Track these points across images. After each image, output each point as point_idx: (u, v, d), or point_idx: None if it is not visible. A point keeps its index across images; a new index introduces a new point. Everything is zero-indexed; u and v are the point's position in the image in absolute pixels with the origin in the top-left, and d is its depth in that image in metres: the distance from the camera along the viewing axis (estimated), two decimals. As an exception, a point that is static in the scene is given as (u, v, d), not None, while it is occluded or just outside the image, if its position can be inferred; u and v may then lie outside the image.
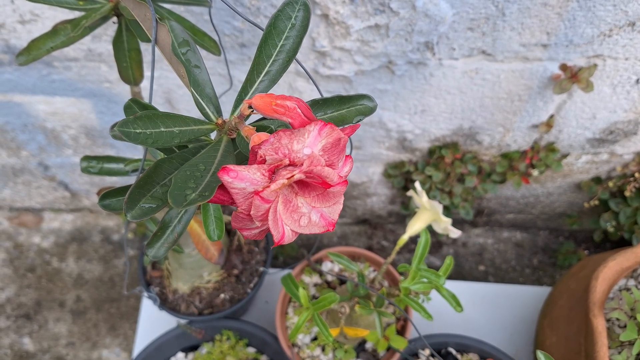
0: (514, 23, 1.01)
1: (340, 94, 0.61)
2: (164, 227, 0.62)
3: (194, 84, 0.57)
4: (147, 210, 0.50)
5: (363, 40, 1.04)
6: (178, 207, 0.44)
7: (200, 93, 0.57)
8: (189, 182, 0.47)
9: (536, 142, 1.33)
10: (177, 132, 0.52)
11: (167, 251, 0.62)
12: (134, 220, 0.49)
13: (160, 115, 0.51)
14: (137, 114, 0.49)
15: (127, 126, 0.48)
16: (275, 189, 0.46)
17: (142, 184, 0.50)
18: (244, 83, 0.58)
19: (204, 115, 0.58)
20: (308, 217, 0.51)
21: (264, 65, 0.58)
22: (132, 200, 0.49)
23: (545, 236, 1.74)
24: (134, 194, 0.50)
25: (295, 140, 0.47)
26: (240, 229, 0.50)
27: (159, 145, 0.50)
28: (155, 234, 0.62)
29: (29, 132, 1.37)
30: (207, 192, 0.46)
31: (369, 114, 0.62)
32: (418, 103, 1.21)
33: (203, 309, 1.20)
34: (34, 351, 1.60)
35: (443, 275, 0.99)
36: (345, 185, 0.49)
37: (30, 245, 1.74)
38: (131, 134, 0.48)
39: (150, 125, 0.50)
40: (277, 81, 0.58)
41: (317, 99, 0.61)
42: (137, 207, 0.50)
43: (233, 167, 0.45)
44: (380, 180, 1.53)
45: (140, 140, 0.49)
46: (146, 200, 0.50)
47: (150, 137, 0.50)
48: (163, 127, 0.51)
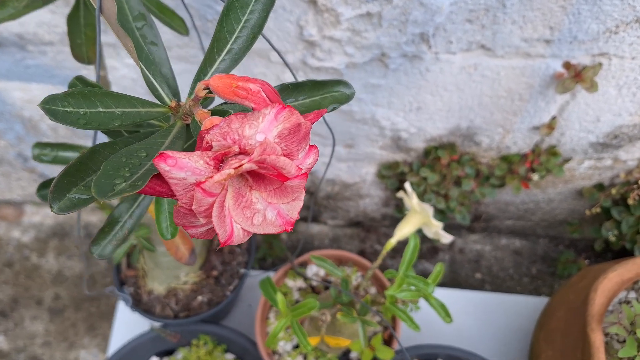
0: (515, 16, 0.94)
1: (314, 79, 0.54)
2: (112, 222, 0.56)
3: (147, 61, 0.50)
4: (77, 202, 0.43)
5: (354, 30, 0.97)
6: (101, 197, 0.37)
7: (154, 72, 0.51)
8: (123, 170, 0.41)
9: (537, 145, 1.26)
10: (119, 113, 0.46)
11: (115, 249, 0.56)
12: (60, 212, 0.42)
13: (99, 94, 0.45)
14: (69, 90, 0.43)
15: (55, 103, 0.42)
16: (219, 180, 0.39)
17: (73, 171, 0.44)
18: (203, 62, 0.51)
19: (157, 97, 0.51)
20: (263, 215, 0.44)
21: (226, 42, 0.51)
22: (59, 189, 0.43)
23: (545, 244, 1.67)
24: (63, 182, 0.43)
25: (247, 125, 0.41)
26: (185, 226, 0.43)
27: (94, 128, 0.44)
28: (102, 230, 0.56)
29: (5, 120, 1.30)
30: (141, 181, 0.40)
31: (345, 102, 0.55)
32: (413, 100, 1.14)
33: (179, 311, 1.14)
34: (7, 350, 1.53)
35: (432, 283, 0.92)
36: (304, 179, 0.42)
37: (9, 240, 1.68)
38: (59, 112, 0.42)
39: (84, 104, 0.43)
40: (240, 61, 0.51)
41: (287, 83, 0.54)
42: (66, 199, 0.43)
43: (171, 154, 0.39)
44: (374, 181, 1.46)
45: (70, 120, 0.42)
46: (77, 190, 0.43)
47: (84, 117, 0.43)
48: (101, 107, 0.44)
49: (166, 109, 0.50)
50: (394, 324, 1.12)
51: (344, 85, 0.55)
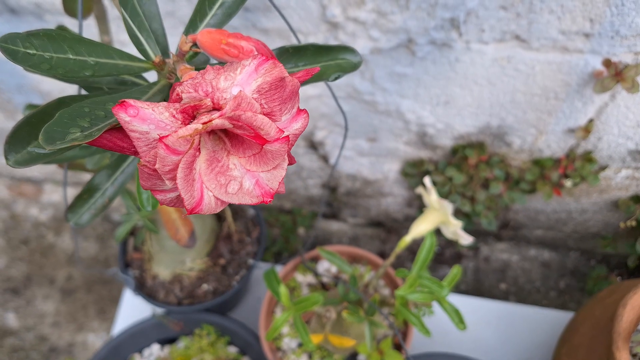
0: (553, 5, 0.87)
1: (317, 43, 0.49)
2: (91, 189, 0.52)
3: (132, 11, 0.46)
4: (36, 156, 0.39)
5: (380, 12, 0.92)
6: (48, 145, 0.33)
7: (140, 24, 0.46)
8: (82, 120, 0.36)
9: (572, 149, 1.18)
10: (92, 63, 0.41)
11: (93, 218, 0.51)
12: (18, 166, 0.38)
13: (69, 38, 0.40)
14: (34, 30, 0.39)
15: (15, 42, 0.37)
16: (184, 136, 0.34)
17: (35, 122, 0.39)
18: (192, 15, 0.47)
19: (141, 52, 0.47)
20: (239, 183, 0.39)
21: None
22: (17, 140, 0.38)
23: (576, 258, 1.58)
24: (22, 133, 0.39)
25: (222, 76, 0.36)
26: (152, 190, 0.39)
27: (60, 75, 0.39)
28: (79, 196, 0.51)
29: (25, 93, 1.29)
30: (98, 132, 0.35)
31: (350, 71, 0.50)
32: (441, 92, 1.08)
33: (183, 298, 1.10)
34: (17, 327, 1.52)
35: (447, 286, 0.86)
36: (285, 143, 0.37)
37: (27, 217, 1.67)
38: (19, 53, 0.37)
39: (51, 48, 0.39)
40: (234, 16, 0.47)
41: (287, 46, 0.49)
42: (25, 151, 0.39)
43: (133, 102, 0.34)
44: (397, 179, 1.40)
45: (32, 63, 0.38)
46: (38, 144, 0.39)
47: (48, 62, 0.39)
48: (71, 54, 0.40)
49: (149, 65, 0.45)
50: (405, 328, 1.06)
51: (350, 52, 0.50)
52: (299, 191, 1.54)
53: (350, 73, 0.49)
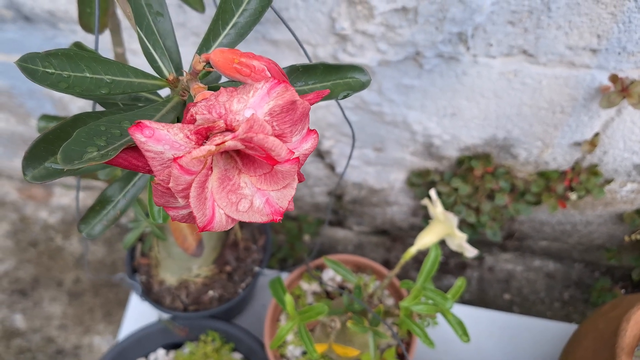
0: (560, 20, 0.88)
1: (327, 62, 0.50)
2: (104, 201, 0.53)
3: (147, 30, 0.47)
4: (53, 172, 0.40)
5: (388, 25, 0.93)
6: (66, 165, 0.34)
7: (154, 42, 0.47)
8: (99, 138, 0.37)
9: (577, 162, 1.18)
10: (109, 81, 0.42)
11: (104, 230, 0.52)
12: (35, 181, 0.39)
13: (87, 57, 0.41)
14: (52, 50, 0.40)
15: (35, 62, 0.39)
16: (198, 157, 0.35)
17: (51, 138, 0.41)
18: (206, 34, 0.48)
19: (155, 69, 0.48)
20: (250, 201, 0.40)
21: (232, 14, 0.47)
22: (34, 156, 0.40)
23: (580, 269, 1.58)
24: (39, 149, 0.40)
25: (235, 98, 0.37)
26: (165, 207, 0.40)
27: (78, 93, 0.40)
28: (92, 208, 0.53)
29: (36, 99, 1.31)
30: (114, 151, 0.36)
31: (359, 90, 0.51)
32: (448, 104, 1.09)
33: (189, 304, 1.11)
34: (24, 329, 1.53)
35: (452, 298, 0.86)
36: (296, 164, 0.38)
37: (36, 220, 1.69)
38: (38, 72, 0.39)
39: (69, 67, 0.40)
40: (246, 35, 0.48)
41: (296, 65, 0.50)
42: (42, 167, 0.40)
43: (149, 123, 0.35)
44: (402, 189, 1.40)
45: (50, 82, 0.39)
46: (55, 160, 0.40)
47: (66, 81, 0.40)
48: (88, 72, 0.41)
49: (163, 82, 0.47)
50: (409, 338, 1.06)
51: (359, 71, 0.51)
52: (305, 198, 1.55)
53: (358, 92, 0.50)
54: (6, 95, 1.30)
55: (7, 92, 1.29)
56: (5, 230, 1.67)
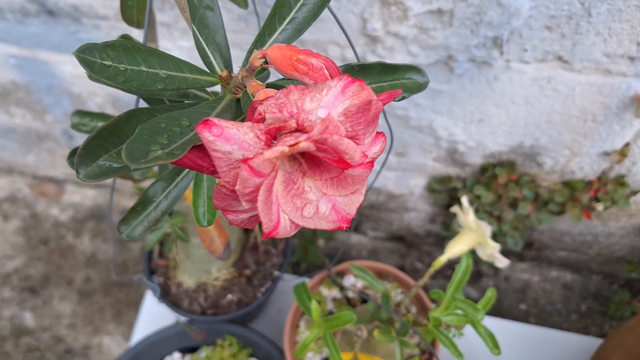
0: (600, 27, 0.86)
1: (383, 61, 0.48)
2: (145, 201, 0.51)
3: (200, 24, 0.45)
4: (106, 170, 0.38)
5: (421, 27, 0.91)
6: (132, 163, 0.32)
7: (207, 38, 0.45)
8: (160, 136, 0.35)
9: (604, 172, 1.16)
10: (164, 76, 0.40)
11: (145, 232, 0.50)
12: (87, 180, 0.37)
13: (143, 50, 0.39)
14: (110, 41, 0.38)
15: (93, 54, 0.37)
16: (270, 158, 0.33)
17: (105, 135, 0.38)
18: (261, 29, 0.46)
19: (207, 65, 0.46)
20: (315, 207, 0.38)
21: (289, 8, 0.45)
22: (88, 154, 0.38)
23: (598, 281, 1.56)
24: (92, 146, 0.38)
25: (308, 97, 0.35)
26: (225, 210, 0.38)
27: (135, 88, 0.38)
28: (133, 209, 0.50)
29: (54, 95, 1.29)
30: (179, 150, 0.34)
31: (416, 92, 0.48)
32: (476, 110, 1.07)
33: (207, 308, 1.09)
34: (33, 327, 1.51)
35: (482, 309, 0.84)
36: (369, 168, 0.36)
37: (47, 217, 1.67)
38: (96, 64, 0.37)
39: (125, 60, 0.38)
40: (303, 32, 0.46)
41: (352, 64, 0.48)
42: (95, 165, 0.38)
43: (218, 121, 0.33)
44: (422, 195, 1.38)
45: (107, 75, 0.37)
46: (109, 157, 0.38)
47: (123, 74, 0.38)
48: (144, 66, 0.39)
49: (216, 79, 0.45)
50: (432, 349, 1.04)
51: (417, 72, 0.48)
52: (322, 202, 1.53)
53: (415, 94, 0.48)
54: (24, 91, 1.28)
55: (26, 88, 1.27)
56: (17, 226, 1.64)
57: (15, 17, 1.07)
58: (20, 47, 1.15)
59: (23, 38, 1.12)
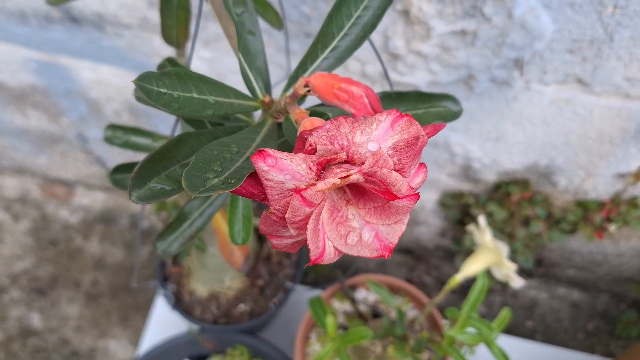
0: (622, 52, 0.87)
1: (419, 90, 0.49)
2: (181, 218, 0.51)
3: (244, 49, 0.46)
4: (157, 193, 0.39)
5: (444, 47, 0.92)
6: (193, 192, 0.32)
7: (250, 62, 0.46)
8: (214, 163, 0.36)
9: (618, 193, 1.17)
10: (212, 102, 0.41)
11: (181, 247, 0.51)
12: (139, 202, 0.38)
13: (195, 77, 0.40)
14: (166, 69, 0.39)
15: (150, 82, 0.37)
16: (322, 189, 0.34)
17: (157, 159, 0.39)
18: (304, 57, 0.46)
19: (250, 90, 0.47)
20: (358, 235, 0.38)
21: (332, 38, 0.46)
22: (140, 177, 0.38)
23: (606, 300, 1.56)
24: (145, 169, 0.39)
25: (358, 130, 0.36)
26: (270, 235, 0.38)
27: (187, 114, 0.39)
28: (169, 225, 0.51)
29: (72, 99, 1.29)
30: (234, 179, 0.35)
31: (451, 120, 0.49)
32: (493, 128, 1.07)
33: (219, 316, 1.09)
34: (40, 329, 1.52)
35: (497, 328, 0.85)
36: (415, 200, 0.37)
37: (57, 219, 1.67)
38: (153, 92, 0.37)
39: (179, 87, 0.39)
40: (345, 61, 0.47)
41: (389, 91, 0.49)
42: (146, 187, 0.39)
43: (272, 152, 0.34)
44: (434, 210, 1.39)
45: (164, 102, 0.38)
46: (159, 179, 0.39)
47: (177, 101, 0.39)
48: (195, 93, 0.40)
49: (258, 104, 0.45)
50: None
51: (451, 100, 0.49)
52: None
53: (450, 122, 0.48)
54: (42, 94, 1.29)
55: (44, 91, 1.28)
56: (27, 227, 1.65)
57: (40, 22, 1.08)
58: (41, 51, 1.16)
59: (45, 43, 1.13)
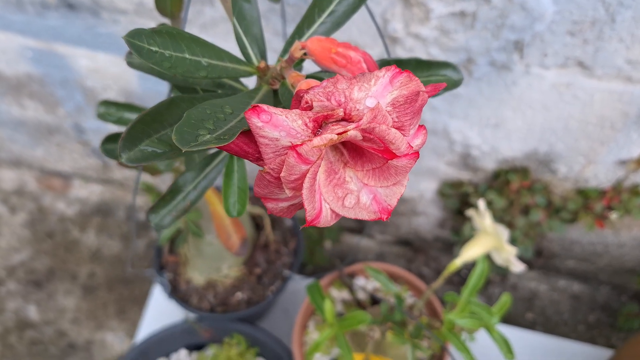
0: (623, 33, 0.86)
1: (419, 57, 0.48)
2: (175, 191, 0.50)
3: (239, 16, 0.45)
4: (148, 155, 0.37)
5: (443, 29, 0.91)
6: (183, 146, 0.31)
7: (245, 29, 0.45)
8: (207, 122, 0.35)
9: (619, 181, 1.16)
10: (205, 64, 0.40)
11: (174, 221, 0.50)
12: (130, 163, 0.37)
13: (187, 38, 0.39)
14: (157, 27, 0.37)
15: (141, 39, 0.36)
16: (319, 145, 0.33)
17: (148, 120, 0.38)
18: (301, 21, 0.45)
19: (245, 56, 0.46)
20: (356, 197, 0.37)
21: (330, 1, 0.45)
22: (131, 138, 0.37)
23: (607, 292, 1.55)
24: (136, 130, 0.37)
25: (356, 86, 0.34)
26: (265, 197, 0.37)
27: (179, 74, 0.38)
28: (162, 198, 0.50)
29: (68, 88, 1.28)
30: (226, 135, 0.34)
31: (451, 88, 0.48)
32: (492, 114, 1.06)
33: (216, 305, 1.08)
34: (37, 321, 1.50)
35: (497, 313, 0.84)
36: (414, 159, 0.36)
37: (53, 211, 1.66)
38: (144, 49, 0.36)
39: (171, 46, 0.38)
40: (342, 25, 0.46)
41: (387, 58, 0.48)
42: (137, 149, 0.37)
43: (267, 108, 0.33)
44: (433, 199, 1.38)
45: (154, 60, 0.37)
46: (150, 142, 0.38)
47: (168, 60, 0.37)
48: (188, 54, 0.39)
49: (253, 69, 0.44)
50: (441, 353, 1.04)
51: (452, 69, 0.48)
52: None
53: (451, 90, 0.47)
54: (38, 84, 1.28)
55: (40, 80, 1.27)
56: (23, 219, 1.64)
57: (36, 9, 1.07)
58: (37, 39, 1.15)
59: (41, 31, 1.12)
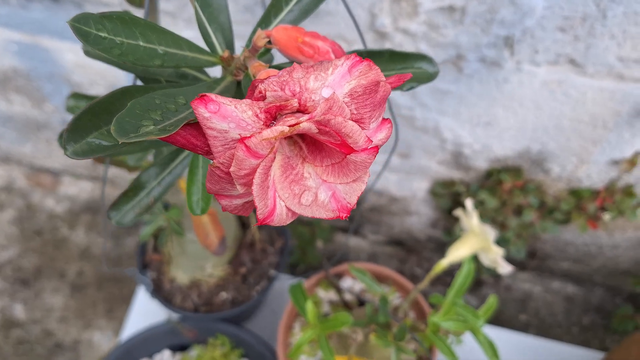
0: (615, 30, 0.84)
1: (393, 49, 0.46)
2: (138, 187, 0.48)
3: (204, 3, 0.43)
4: (95, 148, 0.35)
5: (431, 24, 0.88)
6: (121, 137, 0.29)
7: (209, 16, 0.43)
8: (154, 112, 0.33)
9: (612, 181, 1.14)
10: (161, 52, 0.38)
11: (136, 218, 0.48)
12: (75, 157, 0.35)
13: (142, 24, 0.37)
14: (107, 13, 0.35)
15: (88, 24, 0.34)
16: (268, 138, 0.30)
17: (97, 111, 0.36)
18: (267, 9, 0.43)
19: (208, 45, 0.43)
20: (314, 194, 0.35)
21: (296, -12, 0.43)
22: (78, 129, 0.35)
23: (601, 294, 1.53)
24: (83, 122, 0.35)
25: (312, 75, 0.32)
26: (218, 194, 0.35)
27: (130, 62, 0.36)
28: (124, 194, 0.48)
29: (55, 82, 1.26)
30: (172, 127, 0.32)
31: (425, 82, 0.46)
32: (483, 112, 1.04)
33: (200, 305, 1.06)
34: (24, 320, 1.49)
35: (483, 316, 0.82)
36: (374, 154, 0.33)
37: (42, 208, 1.64)
38: (91, 35, 0.34)
39: (123, 33, 0.36)
40: (311, 13, 0.43)
41: (361, 50, 0.46)
42: (84, 142, 0.35)
43: (215, 97, 0.31)
44: (425, 199, 1.36)
45: (103, 47, 0.35)
46: (99, 134, 0.36)
47: (119, 47, 0.35)
48: (142, 41, 0.37)
49: (216, 59, 0.42)
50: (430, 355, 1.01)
51: (427, 61, 0.46)
52: (322, 203, 1.50)
53: (425, 84, 0.45)
54: (25, 78, 1.26)
55: (26, 75, 1.25)
56: (12, 216, 1.62)
57: (19, 1, 1.05)
58: (22, 32, 1.13)
59: (25, 23, 1.10)
